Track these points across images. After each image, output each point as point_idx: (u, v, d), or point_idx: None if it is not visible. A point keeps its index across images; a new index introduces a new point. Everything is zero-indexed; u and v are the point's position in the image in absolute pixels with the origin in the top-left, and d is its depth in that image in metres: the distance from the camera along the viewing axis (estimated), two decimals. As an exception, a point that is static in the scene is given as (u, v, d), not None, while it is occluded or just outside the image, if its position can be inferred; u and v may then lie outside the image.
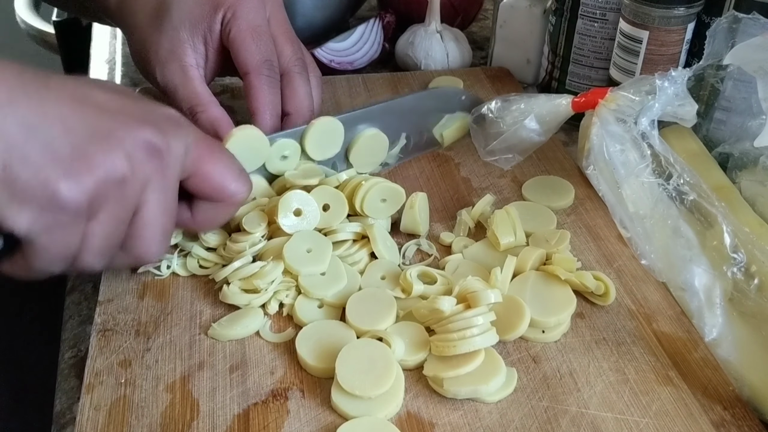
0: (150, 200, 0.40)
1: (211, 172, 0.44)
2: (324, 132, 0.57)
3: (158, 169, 0.40)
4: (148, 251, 0.42)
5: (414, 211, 0.54)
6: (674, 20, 0.60)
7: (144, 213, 0.40)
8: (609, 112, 0.54)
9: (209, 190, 0.44)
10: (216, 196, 0.45)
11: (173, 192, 0.42)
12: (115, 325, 0.48)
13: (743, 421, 0.42)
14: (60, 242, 0.37)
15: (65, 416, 0.45)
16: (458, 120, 0.66)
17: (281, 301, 0.49)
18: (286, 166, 0.56)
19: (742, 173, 0.58)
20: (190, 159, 0.42)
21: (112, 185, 0.37)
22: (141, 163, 0.38)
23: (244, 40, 0.55)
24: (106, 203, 0.38)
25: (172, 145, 0.40)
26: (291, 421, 0.42)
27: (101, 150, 0.37)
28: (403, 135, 0.63)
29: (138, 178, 0.39)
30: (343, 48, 0.80)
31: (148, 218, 0.40)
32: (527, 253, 0.51)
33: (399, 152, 0.63)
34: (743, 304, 0.46)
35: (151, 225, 0.41)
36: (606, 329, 0.48)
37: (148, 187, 0.40)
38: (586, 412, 0.42)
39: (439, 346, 0.43)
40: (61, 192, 0.35)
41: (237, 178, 0.45)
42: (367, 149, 0.60)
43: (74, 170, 0.36)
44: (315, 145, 0.57)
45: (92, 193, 0.36)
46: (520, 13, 0.77)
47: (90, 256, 0.39)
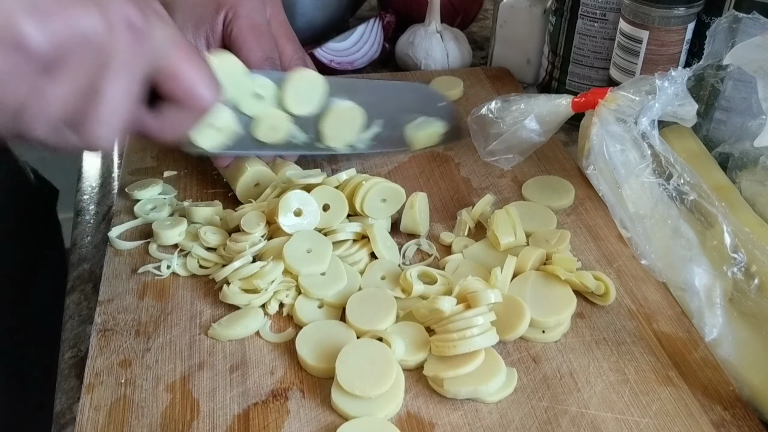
0: (115, 78, 0.37)
1: (183, 72, 0.41)
2: (306, 84, 0.56)
3: (133, 47, 0.37)
4: (99, 136, 0.38)
5: (414, 211, 0.54)
6: (674, 20, 0.60)
7: (105, 90, 0.37)
8: (609, 112, 0.54)
9: (179, 90, 0.42)
10: (183, 97, 0.42)
11: (139, 77, 0.39)
12: (115, 325, 0.48)
13: (743, 421, 0.42)
14: (11, 89, 0.34)
15: (65, 416, 0.45)
16: (431, 126, 0.65)
17: (281, 301, 0.49)
18: (259, 108, 0.55)
19: (742, 173, 0.58)
20: (166, 54, 0.40)
21: (82, 44, 0.35)
22: (118, 35, 0.36)
23: (246, 37, 0.55)
24: (70, 61, 0.35)
25: (152, 32, 0.38)
26: (291, 421, 0.42)
27: (82, 9, 0.34)
28: (379, 122, 0.61)
29: (110, 48, 0.36)
30: (343, 48, 0.80)
31: (109, 96, 0.37)
32: (527, 253, 0.51)
33: (371, 138, 0.62)
34: (743, 304, 0.46)
35: (109, 105, 0.37)
36: (606, 329, 0.48)
37: (117, 63, 0.37)
38: (586, 412, 0.42)
39: (439, 346, 0.43)
40: (27, 33, 0.32)
41: (207, 83, 0.43)
42: (341, 121, 0.59)
43: (46, 13, 0.33)
44: (295, 97, 0.56)
45: (59, 44, 0.34)
46: (520, 13, 0.77)
47: (39, 121, 0.36)
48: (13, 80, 0.34)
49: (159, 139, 0.44)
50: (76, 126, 0.37)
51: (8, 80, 0.33)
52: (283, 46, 0.58)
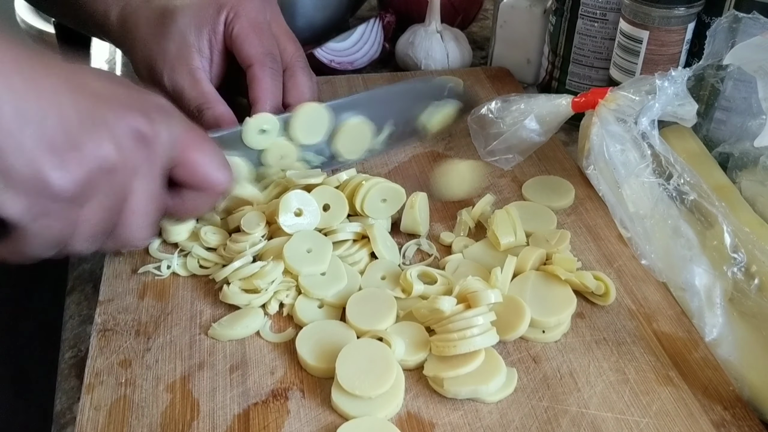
0: (138, 188, 0.41)
1: (196, 162, 0.45)
2: (310, 118, 0.57)
3: (146, 157, 0.41)
4: (134, 237, 0.43)
5: (414, 211, 0.54)
6: (674, 20, 0.60)
7: (132, 201, 0.41)
8: (609, 112, 0.54)
9: (194, 179, 0.45)
10: (200, 185, 0.46)
11: (159, 180, 0.43)
12: (116, 325, 0.48)
13: (743, 421, 0.42)
14: (51, 228, 0.38)
15: (65, 416, 0.45)
16: (445, 108, 0.66)
17: (281, 301, 0.49)
18: (264, 141, 0.56)
19: (742, 173, 0.58)
20: (177, 148, 0.43)
21: (102, 174, 0.38)
22: (130, 151, 0.39)
23: (248, 35, 0.56)
24: (96, 191, 0.38)
25: (160, 134, 0.41)
26: (291, 421, 0.42)
27: (92, 139, 0.37)
28: (390, 122, 0.63)
29: (126, 167, 0.39)
30: (343, 48, 0.80)
31: (136, 206, 0.41)
32: (527, 253, 0.51)
33: (386, 139, 0.63)
34: (743, 304, 0.46)
35: (138, 212, 0.42)
36: (606, 329, 0.48)
37: (137, 175, 0.40)
38: (586, 412, 0.42)
39: (440, 346, 0.43)
40: (53, 181, 0.36)
41: (220, 168, 0.46)
42: (351, 137, 0.60)
43: (66, 160, 0.36)
44: (301, 130, 0.57)
45: (83, 182, 0.37)
46: (520, 13, 0.77)
47: (79, 242, 0.40)
48: (50, 221, 0.38)
49: (182, 217, 0.50)
50: (112, 234, 0.42)
51: (46, 221, 0.38)
52: (285, 44, 0.59)
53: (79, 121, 0.37)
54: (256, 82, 0.56)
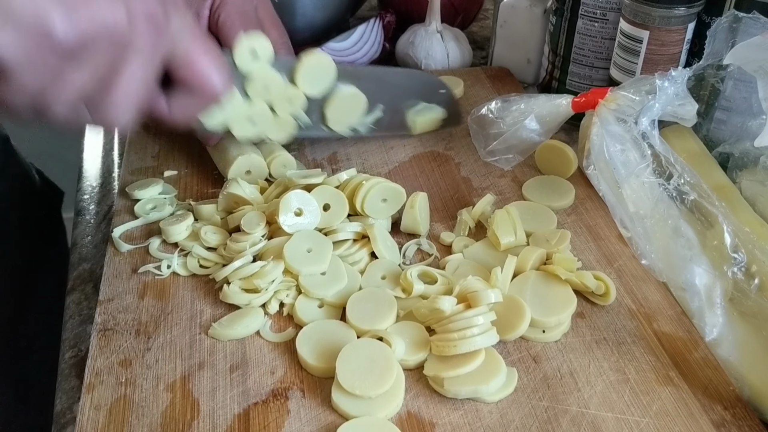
0: (132, 65, 0.39)
1: (197, 60, 0.44)
2: (318, 67, 0.58)
3: (151, 38, 0.39)
4: (114, 116, 0.41)
5: (414, 211, 0.54)
6: (675, 20, 0.60)
7: (123, 76, 0.39)
8: (609, 112, 0.54)
9: (191, 76, 0.44)
10: (196, 84, 0.45)
11: (155, 65, 0.41)
12: (116, 325, 0.48)
13: (744, 421, 0.42)
14: (35, 76, 0.36)
15: (65, 416, 0.45)
16: (432, 112, 0.67)
17: (281, 300, 0.49)
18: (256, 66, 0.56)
19: (742, 173, 0.58)
20: (183, 43, 0.43)
21: (105, 35, 0.37)
22: (138, 26, 0.38)
23: (234, 23, 0.56)
24: (93, 52, 0.37)
25: (170, 23, 0.41)
26: (291, 421, 0.42)
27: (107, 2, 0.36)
28: (380, 107, 0.63)
29: (131, 40, 0.38)
30: (343, 48, 0.80)
31: (125, 82, 0.40)
32: (527, 253, 0.51)
33: (372, 123, 0.64)
34: (744, 304, 0.46)
35: (125, 90, 0.40)
36: (606, 329, 0.48)
37: (136, 52, 0.39)
38: (586, 412, 0.42)
39: (440, 346, 0.43)
40: (54, 24, 0.34)
41: (220, 72, 0.45)
42: (344, 106, 0.61)
43: (76, 12, 0.35)
44: (307, 77, 0.58)
45: (84, 36, 0.36)
46: (520, 12, 0.77)
47: (59, 102, 0.38)
48: (37, 65, 0.35)
49: (169, 121, 0.47)
50: (93, 106, 0.40)
51: (33, 66, 0.35)
52: (269, 30, 0.59)
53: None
54: None
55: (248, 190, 0.55)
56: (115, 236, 0.54)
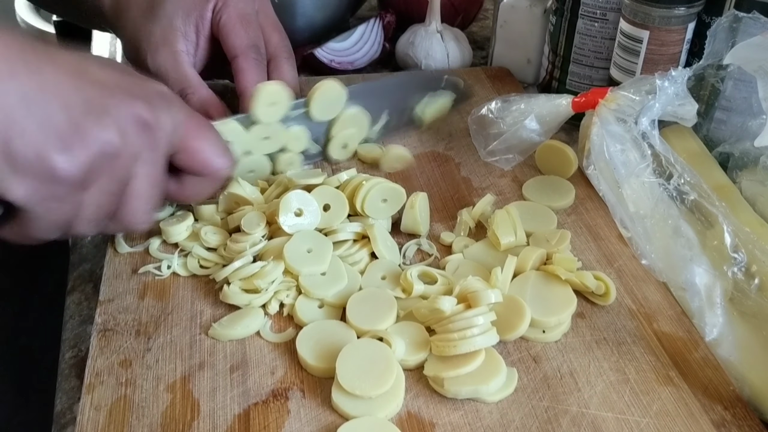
0: (140, 173, 0.42)
1: (198, 148, 0.46)
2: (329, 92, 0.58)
3: (148, 144, 0.41)
4: (135, 220, 0.44)
5: (414, 211, 0.54)
6: (675, 20, 0.60)
7: (134, 185, 0.42)
8: (609, 112, 0.54)
9: (195, 165, 0.46)
10: (202, 171, 0.47)
11: (161, 166, 0.44)
12: (116, 325, 0.48)
13: (744, 421, 0.42)
14: (55, 212, 0.39)
15: (65, 416, 0.45)
16: (440, 99, 0.67)
17: (281, 301, 0.49)
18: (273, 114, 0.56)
19: (742, 173, 0.58)
20: (179, 135, 0.44)
21: (105, 159, 0.39)
22: (132, 138, 0.40)
23: (234, 25, 0.57)
24: (99, 176, 0.39)
25: (162, 121, 0.42)
26: (291, 421, 0.42)
27: (96, 125, 0.38)
28: (385, 113, 0.64)
29: (129, 152, 0.40)
30: (343, 48, 0.80)
31: (138, 190, 0.42)
32: (528, 253, 0.51)
33: (381, 129, 0.64)
34: (744, 303, 0.46)
35: (139, 197, 0.43)
36: (606, 329, 0.48)
37: (139, 161, 0.41)
38: (586, 412, 0.42)
39: (440, 346, 0.43)
40: (57, 165, 0.37)
41: (221, 154, 0.47)
42: (348, 127, 0.61)
43: (70, 145, 0.37)
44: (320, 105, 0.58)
45: (86, 166, 0.38)
46: (520, 12, 0.77)
47: (82, 224, 0.41)
48: (54, 204, 0.39)
49: (183, 200, 0.50)
50: (114, 218, 0.43)
51: (50, 205, 0.38)
52: (270, 34, 0.60)
53: (82, 108, 0.38)
54: (241, 73, 0.57)
55: (249, 190, 0.55)
56: (117, 236, 0.54)
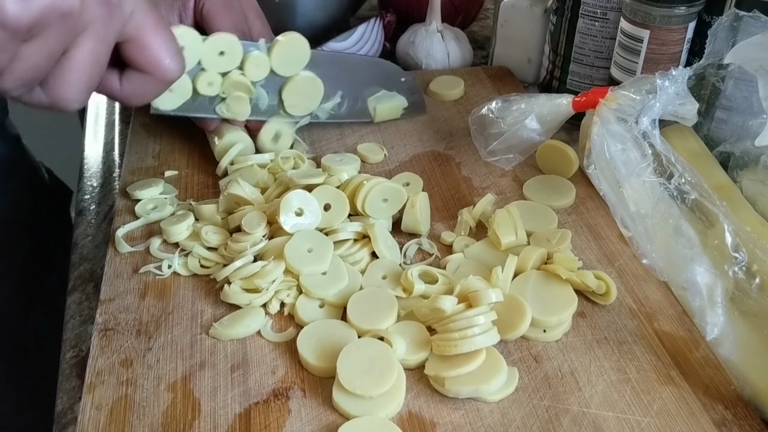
0: (84, 45, 0.39)
1: (150, 43, 0.43)
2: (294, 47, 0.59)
3: (103, 17, 0.39)
4: (67, 95, 0.41)
5: (415, 211, 0.54)
6: (675, 19, 0.60)
7: (75, 55, 0.39)
8: (610, 112, 0.54)
9: (144, 60, 0.44)
10: (149, 68, 0.44)
11: (108, 46, 0.41)
12: (117, 325, 0.48)
13: (745, 420, 0.42)
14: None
15: (66, 416, 0.46)
16: (393, 100, 0.68)
17: (282, 300, 0.49)
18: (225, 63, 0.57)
19: (743, 172, 0.58)
20: (134, 23, 0.42)
21: (57, 15, 0.37)
22: (90, 5, 0.38)
23: (218, 11, 0.57)
24: (46, 31, 0.37)
25: (125, 3, 0.40)
26: (292, 421, 0.42)
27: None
28: (339, 93, 0.64)
29: (83, 18, 0.38)
30: (343, 47, 0.80)
31: (77, 62, 0.40)
32: (528, 253, 0.51)
33: (331, 109, 0.64)
34: (745, 303, 0.46)
35: (77, 69, 0.40)
36: (607, 328, 0.48)
37: (88, 31, 0.39)
38: (587, 412, 0.42)
39: (441, 346, 0.43)
40: (8, 8, 0.34)
41: (173, 55, 0.44)
42: (302, 91, 0.61)
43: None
44: (282, 58, 0.59)
45: (36, 16, 0.36)
46: (521, 12, 0.77)
47: (10, 79, 0.38)
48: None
49: (124, 102, 0.47)
50: (45, 85, 0.40)
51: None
52: (253, 21, 0.60)
53: None
54: None
55: (249, 191, 0.55)
56: (118, 236, 0.54)
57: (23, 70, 0.38)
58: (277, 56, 0.58)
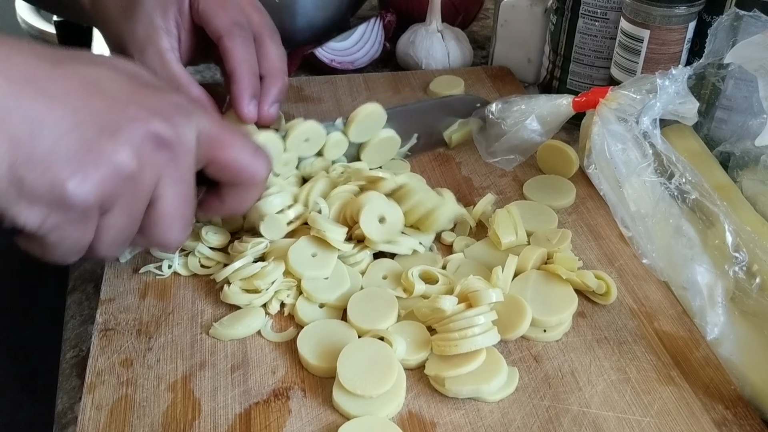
0: (165, 193, 0.39)
1: (227, 158, 0.43)
2: (370, 116, 0.59)
3: (170, 161, 0.39)
4: (166, 239, 0.41)
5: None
6: (675, 19, 0.60)
7: (159, 205, 0.40)
8: (610, 112, 0.54)
9: (229, 175, 0.44)
10: (237, 180, 0.44)
11: (189, 182, 0.41)
12: (117, 325, 0.48)
13: (745, 420, 0.42)
14: (72, 238, 0.37)
15: (67, 416, 0.46)
16: (468, 125, 0.67)
17: (282, 300, 0.49)
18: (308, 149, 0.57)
19: (743, 172, 0.58)
20: (204, 147, 0.41)
21: (122, 182, 0.36)
22: (150, 158, 0.38)
23: (213, 8, 0.55)
24: (118, 199, 0.37)
25: (182, 136, 0.39)
26: (292, 421, 0.42)
27: (109, 147, 0.36)
28: (415, 135, 0.64)
29: (148, 173, 0.38)
30: (344, 47, 0.80)
31: (165, 210, 0.40)
32: (528, 253, 0.51)
33: (407, 150, 0.64)
34: (745, 303, 0.46)
35: (168, 216, 0.40)
36: (607, 328, 0.48)
37: (162, 180, 0.39)
38: (587, 412, 0.42)
39: (441, 346, 0.43)
40: (70, 191, 0.34)
41: (254, 158, 0.44)
42: (380, 149, 0.61)
43: (82, 169, 0.35)
44: (358, 130, 0.59)
45: (101, 191, 0.36)
46: (521, 12, 0.77)
47: (105, 248, 0.39)
48: (70, 230, 0.36)
49: (229, 214, 0.48)
50: (144, 235, 0.41)
51: (66, 231, 0.36)
52: (250, 14, 0.58)
53: (93, 128, 0.35)
54: (228, 53, 0.54)
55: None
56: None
57: (112, 238, 0.39)
58: (354, 131, 0.58)
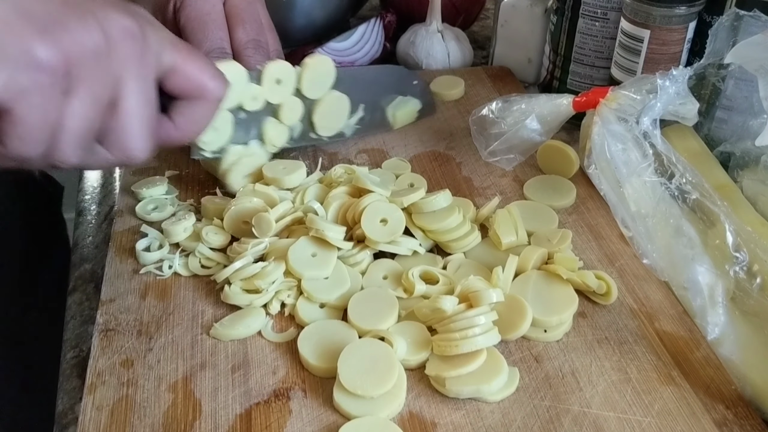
0: (129, 88, 0.39)
1: (191, 67, 0.43)
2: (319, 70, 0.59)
3: (136, 54, 0.39)
4: (131, 145, 0.40)
5: None
6: (675, 19, 0.60)
7: (124, 102, 0.39)
8: (610, 112, 0.54)
9: (189, 84, 0.43)
10: (197, 91, 0.44)
11: (150, 82, 0.41)
12: (117, 325, 0.48)
13: (745, 420, 0.42)
14: (37, 110, 0.36)
15: (67, 416, 0.46)
16: (409, 104, 0.68)
17: (283, 301, 0.49)
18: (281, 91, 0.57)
19: (743, 172, 0.58)
20: (168, 55, 0.41)
21: (88, 55, 0.36)
22: (117, 44, 0.37)
23: (193, 29, 0.55)
24: (83, 76, 0.36)
25: (149, 36, 0.39)
26: (293, 421, 0.42)
27: (77, 19, 0.36)
28: (362, 107, 0.64)
29: (114, 58, 0.37)
30: (344, 48, 0.80)
31: (129, 107, 0.39)
32: (529, 253, 0.51)
33: (355, 124, 0.65)
34: (745, 303, 0.46)
35: (131, 114, 0.39)
36: (608, 328, 0.48)
37: (127, 73, 0.39)
38: (588, 412, 0.42)
39: (441, 346, 0.43)
40: (37, 49, 0.34)
41: (216, 74, 0.44)
42: (331, 111, 0.62)
43: (50, 30, 0.35)
44: (310, 81, 0.59)
45: (68, 55, 0.35)
46: (521, 12, 0.77)
47: (68, 141, 0.38)
48: (36, 100, 0.35)
49: (182, 139, 0.46)
50: (106, 140, 0.40)
51: (32, 100, 0.35)
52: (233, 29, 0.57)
53: (64, 6, 0.36)
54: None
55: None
56: (138, 249, 0.54)
57: (76, 126, 0.37)
58: (306, 80, 0.58)
